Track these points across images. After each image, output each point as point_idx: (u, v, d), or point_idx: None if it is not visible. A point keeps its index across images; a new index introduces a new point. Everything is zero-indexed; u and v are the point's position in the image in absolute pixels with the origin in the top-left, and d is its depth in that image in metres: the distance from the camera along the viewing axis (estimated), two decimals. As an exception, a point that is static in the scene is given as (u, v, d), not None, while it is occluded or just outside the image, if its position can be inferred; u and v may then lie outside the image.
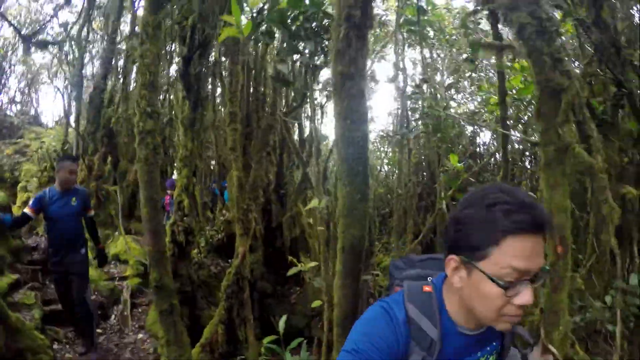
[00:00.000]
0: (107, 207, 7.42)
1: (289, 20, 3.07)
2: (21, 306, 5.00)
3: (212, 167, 11.14)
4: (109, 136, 8.00)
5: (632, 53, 4.41)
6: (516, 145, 8.49)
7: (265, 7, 3.56)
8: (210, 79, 7.60)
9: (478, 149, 11.00)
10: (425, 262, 1.38)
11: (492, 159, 9.14)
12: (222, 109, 8.39)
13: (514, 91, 4.88)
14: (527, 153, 8.69)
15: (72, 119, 8.50)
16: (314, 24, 3.07)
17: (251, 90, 6.64)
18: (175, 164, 8.21)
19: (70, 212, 4.47)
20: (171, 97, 9.24)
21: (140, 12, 6.82)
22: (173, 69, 8.70)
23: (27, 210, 4.38)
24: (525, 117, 6.83)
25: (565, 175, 1.94)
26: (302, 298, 6.88)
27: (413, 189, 7.16)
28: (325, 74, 6.90)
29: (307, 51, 3.32)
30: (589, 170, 2.08)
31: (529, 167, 8.74)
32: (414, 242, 6.06)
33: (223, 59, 6.95)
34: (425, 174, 9.38)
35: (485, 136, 11.48)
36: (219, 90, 8.94)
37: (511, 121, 6.78)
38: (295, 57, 4.92)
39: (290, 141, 5.59)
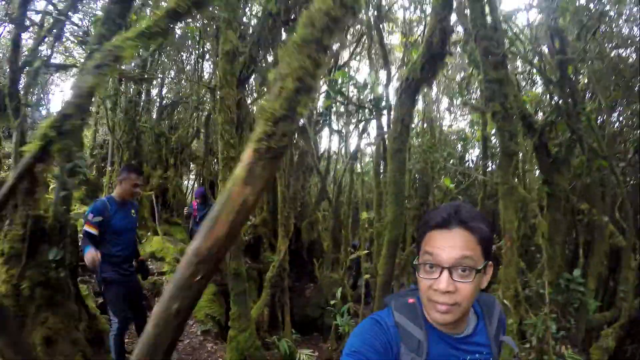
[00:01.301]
0: (140, 210, 9.11)
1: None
2: (79, 297, 6.41)
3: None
4: (139, 145, 9.64)
5: (584, 107, 6.58)
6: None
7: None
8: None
9: (467, 163, 13.10)
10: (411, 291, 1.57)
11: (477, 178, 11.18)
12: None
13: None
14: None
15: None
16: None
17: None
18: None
19: (132, 224, 4.76)
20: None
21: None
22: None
23: (90, 229, 4.23)
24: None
25: (512, 202, 3.97)
26: (315, 292, 8.80)
27: (412, 203, 9.23)
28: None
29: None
30: (524, 200, 4.16)
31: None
32: (412, 246, 8.03)
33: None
34: (419, 186, 11.41)
35: (473, 154, 13.62)
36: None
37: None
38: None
39: (312, 159, 7.47)
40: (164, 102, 10.60)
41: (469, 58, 6.07)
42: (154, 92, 10.97)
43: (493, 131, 7.07)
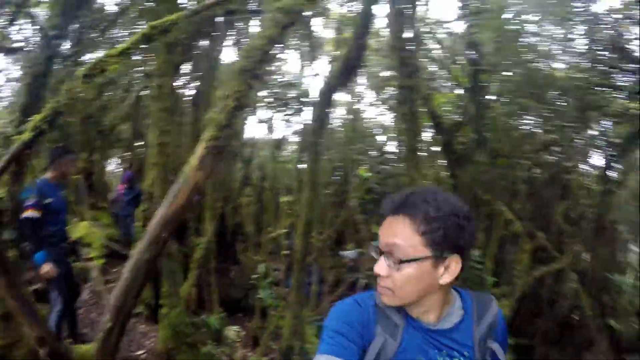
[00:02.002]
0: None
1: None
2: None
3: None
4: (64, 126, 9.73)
5: (489, 111, 7.73)
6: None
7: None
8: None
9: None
10: None
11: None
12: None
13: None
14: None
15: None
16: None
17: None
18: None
19: (65, 204, 5.07)
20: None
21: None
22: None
23: (33, 213, 4.39)
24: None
25: None
26: (239, 274, 9.50)
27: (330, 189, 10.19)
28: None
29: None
30: None
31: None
32: (329, 230, 8.94)
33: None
34: (340, 176, 12.39)
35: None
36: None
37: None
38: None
39: (237, 146, 8.12)
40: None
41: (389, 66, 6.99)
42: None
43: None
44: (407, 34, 5.46)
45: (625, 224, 14.40)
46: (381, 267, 1.40)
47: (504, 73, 9.43)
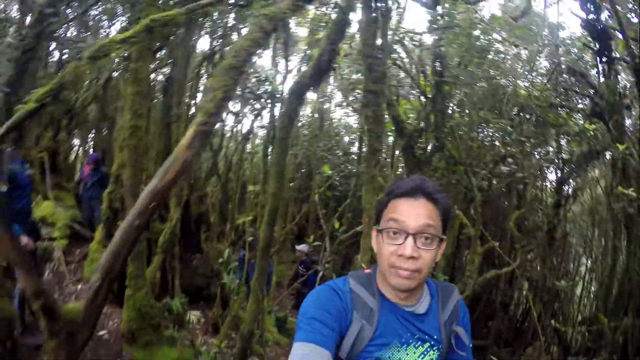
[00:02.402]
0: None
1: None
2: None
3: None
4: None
5: (449, 120, 8.32)
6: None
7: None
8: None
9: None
10: None
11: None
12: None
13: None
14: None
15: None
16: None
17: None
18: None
19: (30, 182, 5.38)
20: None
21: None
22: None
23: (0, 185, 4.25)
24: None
25: (372, 187, 5.39)
26: (202, 262, 9.84)
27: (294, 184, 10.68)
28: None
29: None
30: (382, 187, 5.66)
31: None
32: (291, 223, 9.38)
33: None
34: (304, 171, 12.87)
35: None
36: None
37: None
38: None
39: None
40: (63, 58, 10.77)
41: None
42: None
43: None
44: (377, 42, 5.97)
45: (577, 237, 15.44)
46: (413, 249, 1.46)
47: (467, 86, 10.08)
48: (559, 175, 11.98)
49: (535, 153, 11.08)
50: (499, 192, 12.13)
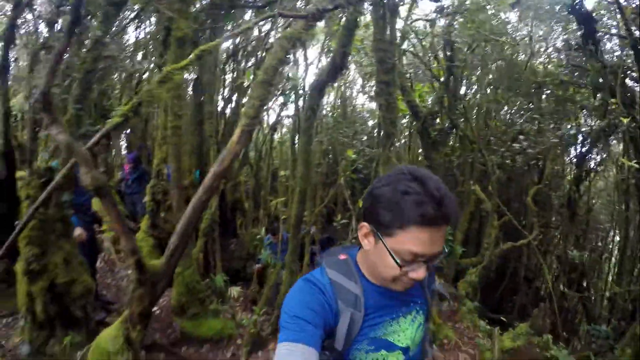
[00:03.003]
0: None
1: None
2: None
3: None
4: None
5: (460, 103, 9.32)
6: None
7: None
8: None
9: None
10: (345, 249, 1.81)
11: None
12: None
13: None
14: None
15: None
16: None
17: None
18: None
19: None
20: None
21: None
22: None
23: None
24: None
25: (387, 169, 6.47)
26: (238, 247, 11.10)
27: (322, 169, 11.85)
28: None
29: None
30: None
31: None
32: (320, 206, 10.50)
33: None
34: (331, 157, 14.04)
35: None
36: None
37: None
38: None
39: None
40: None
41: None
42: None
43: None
44: (387, 36, 7.00)
45: (606, 212, 16.09)
46: (423, 273, 1.50)
47: (480, 67, 10.97)
48: (580, 150, 12.74)
49: (552, 129, 11.85)
50: (521, 169, 12.95)
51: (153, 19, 11.05)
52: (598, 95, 9.42)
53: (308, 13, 4.06)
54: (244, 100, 11.49)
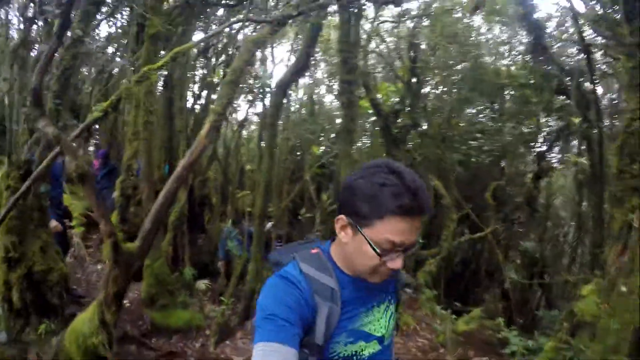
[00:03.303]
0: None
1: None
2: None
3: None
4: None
5: (421, 102, 9.97)
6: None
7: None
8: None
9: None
10: (305, 244, 1.83)
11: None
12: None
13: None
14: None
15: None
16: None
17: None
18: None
19: (62, 173, 7.09)
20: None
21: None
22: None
23: None
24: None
25: (347, 163, 7.04)
26: (206, 241, 11.56)
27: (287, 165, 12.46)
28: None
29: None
30: (356, 162, 7.33)
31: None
32: (286, 200, 11.02)
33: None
34: (298, 154, 14.56)
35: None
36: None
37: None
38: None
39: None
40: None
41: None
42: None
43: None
44: (351, 37, 7.57)
45: (563, 208, 16.97)
46: (401, 263, 1.54)
47: (443, 69, 11.60)
48: (539, 149, 13.54)
49: (512, 128, 12.60)
50: (486, 167, 13.66)
51: (125, 14, 11.39)
52: (560, 97, 10.12)
53: (273, 19, 4.57)
54: (214, 96, 12.03)
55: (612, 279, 4.65)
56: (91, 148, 15.29)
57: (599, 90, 10.71)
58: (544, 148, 13.35)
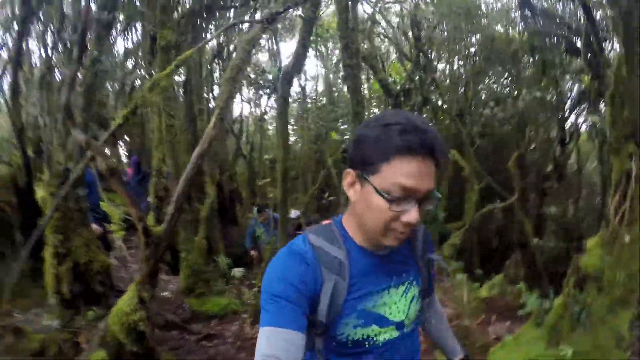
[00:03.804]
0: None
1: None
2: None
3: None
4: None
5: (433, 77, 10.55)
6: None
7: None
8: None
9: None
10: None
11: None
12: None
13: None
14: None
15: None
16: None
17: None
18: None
19: (96, 180, 8.17)
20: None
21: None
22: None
23: None
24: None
25: None
26: (238, 233, 12.42)
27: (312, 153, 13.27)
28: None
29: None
30: None
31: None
32: (313, 189, 11.76)
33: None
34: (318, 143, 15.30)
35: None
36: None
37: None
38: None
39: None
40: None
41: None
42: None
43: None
44: (350, 23, 8.22)
45: (595, 174, 17.01)
46: (415, 215, 1.41)
47: (457, 41, 12.03)
48: (563, 114, 13.75)
49: (528, 93, 12.85)
50: (509, 137, 13.94)
51: (139, 28, 12.34)
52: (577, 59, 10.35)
53: (263, 18, 5.32)
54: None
55: (614, 229, 4.59)
56: (124, 160, 16.41)
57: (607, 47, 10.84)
58: (567, 112, 13.47)
